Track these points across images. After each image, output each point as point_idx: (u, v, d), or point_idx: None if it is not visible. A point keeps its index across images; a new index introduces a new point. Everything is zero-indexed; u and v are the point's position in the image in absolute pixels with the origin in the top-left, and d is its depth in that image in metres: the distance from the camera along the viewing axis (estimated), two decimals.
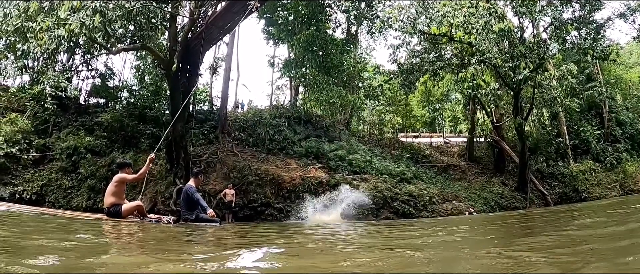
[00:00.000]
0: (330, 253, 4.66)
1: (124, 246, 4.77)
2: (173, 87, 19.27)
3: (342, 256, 4.26)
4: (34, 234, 4.78)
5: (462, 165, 31.16)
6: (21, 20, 14.71)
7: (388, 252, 4.37)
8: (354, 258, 3.79)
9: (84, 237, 4.80)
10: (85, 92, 28.43)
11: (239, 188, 19.78)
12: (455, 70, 24.49)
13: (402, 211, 21.51)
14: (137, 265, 3.06)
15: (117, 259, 3.39)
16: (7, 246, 3.44)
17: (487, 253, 3.83)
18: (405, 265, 3.27)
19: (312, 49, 25.56)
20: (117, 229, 6.73)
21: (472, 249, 4.40)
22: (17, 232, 4.82)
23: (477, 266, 3.03)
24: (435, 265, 3.16)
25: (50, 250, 3.43)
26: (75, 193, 20.68)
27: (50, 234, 5.03)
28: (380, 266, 2.95)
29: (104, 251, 3.90)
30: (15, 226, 5.55)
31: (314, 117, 30.39)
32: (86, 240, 4.59)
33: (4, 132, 21.31)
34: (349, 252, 4.60)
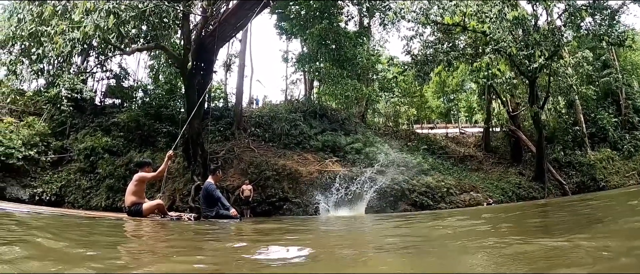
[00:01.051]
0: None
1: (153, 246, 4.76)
2: (188, 85, 19.31)
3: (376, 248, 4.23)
4: (94, 238, 4.77)
5: (478, 156, 30.98)
6: (35, 25, 14.81)
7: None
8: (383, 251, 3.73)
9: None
10: (101, 93, 28.76)
11: (257, 183, 19.78)
12: (469, 60, 24.30)
13: (420, 203, 21.43)
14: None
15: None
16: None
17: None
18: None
19: (325, 43, 25.48)
20: (144, 228, 6.72)
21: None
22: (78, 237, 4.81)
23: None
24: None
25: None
26: (94, 193, 20.85)
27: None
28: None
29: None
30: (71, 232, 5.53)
31: (329, 111, 30.33)
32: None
33: (22, 135, 21.52)
34: (376, 244, 4.55)
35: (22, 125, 22.50)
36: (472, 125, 39.25)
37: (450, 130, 37.34)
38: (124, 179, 20.34)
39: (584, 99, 31.83)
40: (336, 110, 30.99)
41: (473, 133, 36.09)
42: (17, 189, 20.72)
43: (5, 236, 3.75)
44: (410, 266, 2.69)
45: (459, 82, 36.81)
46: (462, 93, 39.55)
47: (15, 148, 20.69)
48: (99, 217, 8.59)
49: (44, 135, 22.36)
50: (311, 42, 26.14)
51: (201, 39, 19.11)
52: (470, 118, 41.85)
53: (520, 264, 2.58)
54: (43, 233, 4.27)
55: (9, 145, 20.56)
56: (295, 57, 32.10)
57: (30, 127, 22.46)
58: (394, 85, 32.70)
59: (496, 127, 34.59)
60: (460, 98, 39.95)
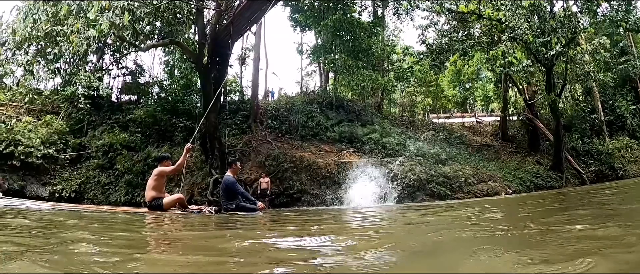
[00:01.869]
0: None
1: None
2: (204, 79, 19.37)
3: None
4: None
5: (495, 145, 30.77)
6: (50, 25, 14.89)
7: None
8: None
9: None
10: (117, 89, 29.00)
11: (274, 175, 19.78)
12: (485, 48, 24.06)
13: (437, 192, 21.23)
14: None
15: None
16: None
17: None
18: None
19: (339, 34, 25.41)
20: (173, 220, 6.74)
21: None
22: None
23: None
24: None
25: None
26: (113, 189, 21.01)
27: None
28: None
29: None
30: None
31: (345, 102, 30.24)
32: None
33: (40, 134, 21.76)
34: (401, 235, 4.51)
35: (40, 124, 22.74)
36: (489, 114, 39.03)
37: (467, 119, 37.09)
38: (143, 174, 20.50)
39: (602, 86, 31.37)
40: (352, 100, 30.93)
41: (490, 122, 35.86)
42: (37, 187, 20.99)
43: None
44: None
45: (475, 70, 36.57)
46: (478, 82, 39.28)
47: (35, 147, 20.95)
48: (124, 212, 8.65)
49: (62, 133, 22.57)
50: (325, 33, 26.09)
51: (216, 34, 19.13)
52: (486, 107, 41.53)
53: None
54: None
55: (28, 144, 20.82)
56: (310, 48, 32.11)
57: (48, 125, 22.68)
58: (409, 74, 32.55)
59: (513, 116, 34.29)
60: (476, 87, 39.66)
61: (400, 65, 32.50)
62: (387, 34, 33.58)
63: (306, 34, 34.77)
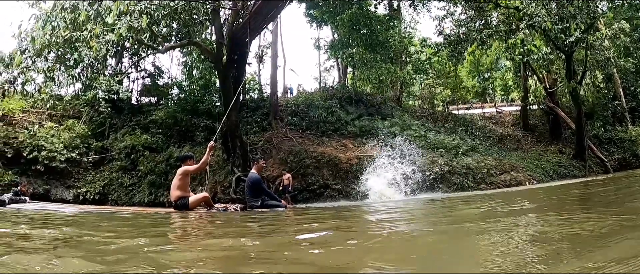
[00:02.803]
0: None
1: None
2: (223, 78, 19.41)
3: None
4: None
5: (517, 135, 30.46)
6: (69, 32, 15.01)
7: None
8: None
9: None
10: (137, 92, 29.36)
11: (296, 171, 19.74)
12: (503, 37, 23.81)
13: (460, 184, 21.05)
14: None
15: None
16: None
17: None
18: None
19: (356, 28, 25.30)
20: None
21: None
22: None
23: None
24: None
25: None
26: (136, 190, 21.21)
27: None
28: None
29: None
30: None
31: (364, 96, 30.13)
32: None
33: (63, 138, 22.13)
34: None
35: (62, 128, 23.10)
36: (509, 104, 38.58)
37: (487, 110, 36.68)
38: (165, 175, 20.67)
39: (623, 72, 30.77)
40: (371, 94, 30.78)
41: (510, 112, 35.42)
42: (61, 190, 21.35)
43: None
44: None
45: (493, 60, 36.22)
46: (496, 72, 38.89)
47: (58, 151, 21.29)
48: (154, 213, 8.70)
49: (84, 137, 22.90)
50: (342, 28, 25.99)
51: (233, 33, 19.15)
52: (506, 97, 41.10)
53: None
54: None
55: (51, 149, 21.20)
56: (328, 44, 32.06)
57: (70, 130, 23.04)
58: (427, 66, 32.33)
59: (534, 105, 33.79)
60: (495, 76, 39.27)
61: (419, 57, 32.29)
62: (404, 26, 33.42)
63: (322, 29, 34.78)
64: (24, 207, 8.71)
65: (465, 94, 38.04)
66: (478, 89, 38.89)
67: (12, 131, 21.54)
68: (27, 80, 16.13)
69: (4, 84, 15.71)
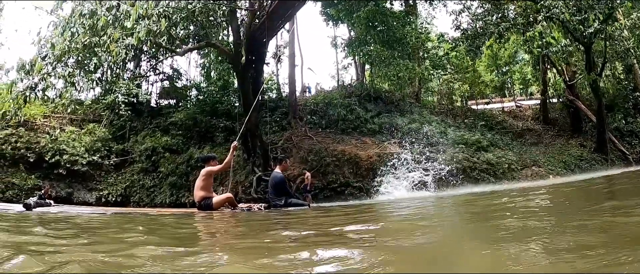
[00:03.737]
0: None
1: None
2: (241, 79, 19.49)
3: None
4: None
5: (537, 129, 30.11)
6: (88, 37, 15.14)
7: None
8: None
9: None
10: (156, 94, 29.71)
11: (317, 170, 19.70)
12: (521, 30, 23.57)
13: (481, 180, 20.93)
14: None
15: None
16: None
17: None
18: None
19: (373, 25, 25.20)
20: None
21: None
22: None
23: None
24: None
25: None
26: (157, 191, 21.37)
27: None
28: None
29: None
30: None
31: (382, 93, 30.04)
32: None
33: (84, 142, 22.41)
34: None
35: (83, 132, 23.39)
36: (528, 98, 38.12)
37: (506, 104, 36.31)
38: (186, 176, 20.84)
39: None
40: (390, 91, 30.63)
41: (529, 106, 34.94)
42: (83, 193, 21.63)
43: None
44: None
45: (512, 53, 35.85)
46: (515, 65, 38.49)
47: (79, 155, 21.58)
48: (181, 213, 8.75)
49: (105, 140, 23.17)
50: (358, 25, 25.91)
51: (251, 33, 19.21)
52: (525, 91, 40.60)
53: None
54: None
55: (73, 153, 21.47)
56: (345, 42, 32.02)
57: (91, 133, 23.32)
58: (445, 62, 32.13)
59: (553, 98, 33.43)
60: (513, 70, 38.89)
61: (436, 53, 32.10)
62: (420, 22, 33.15)
63: (339, 27, 34.71)
64: (50, 210, 8.78)
65: (483, 89, 37.67)
66: (497, 83, 38.44)
67: (34, 136, 21.86)
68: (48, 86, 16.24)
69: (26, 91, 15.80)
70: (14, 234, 3.98)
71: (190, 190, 20.06)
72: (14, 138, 21.17)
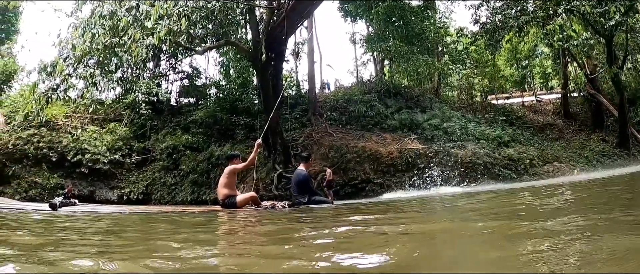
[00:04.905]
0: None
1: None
2: (261, 76, 19.61)
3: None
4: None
5: (558, 124, 29.70)
6: (109, 38, 15.26)
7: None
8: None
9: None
10: (176, 93, 29.90)
11: (338, 166, 19.66)
12: (540, 23, 23.29)
13: (503, 176, 20.71)
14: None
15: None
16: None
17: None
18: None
19: (391, 21, 25.11)
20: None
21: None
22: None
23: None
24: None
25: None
26: (178, 189, 21.52)
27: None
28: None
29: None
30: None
31: (402, 89, 29.89)
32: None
33: (105, 141, 22.63)
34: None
35: (104, 131, 23.63)
36: (548, 92, 37.58)
37: (526, 99, 35.83)
38: (207, 173, 21.03)
39: None
40: (409, 87, 30.54)
41: (550, 100, 34.38)
42: (105, 191, 21.85)
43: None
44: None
45: (531, 47, 35.42)
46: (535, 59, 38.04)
47: (101, 154, 21.80)
48: (207, 211, 8.75)
49: (126, 139, 23.39)
50: (377, 21, 25.84)
51: (270, 31, 19.25)
52: (545, 85, 40.06)
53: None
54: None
55: (94, 152, 21.70)
56: (363, 38, 31.95)
57: (112, 132, 23.56)
58: (465, 56, 31.88)
59: (574, 92, 33.00)
60: (533, 64, 38.44)
61: (456, 48, 31.88)
62: (439, 17, 32.93)
63: (357, 23, 34.62)
64: (76, 210, 8.79)
65: (503, 83, 37.29)
66: (517, 78, 38.08)
67: (56, 136, 22.08)
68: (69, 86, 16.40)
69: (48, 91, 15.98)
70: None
71: (211, 188, 20.18)
72: (37, 138, 21.40)
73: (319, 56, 30.27)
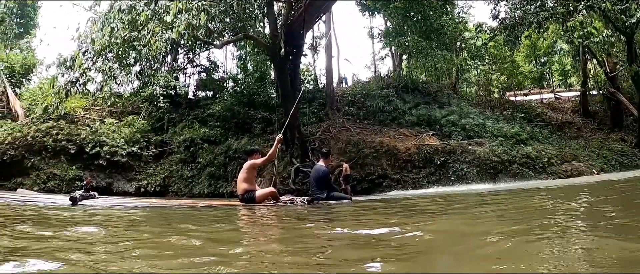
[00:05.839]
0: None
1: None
2: (279, 71, 19.63)
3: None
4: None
5: (577, 122, 29.38)
6: (128, 32, 15.38)
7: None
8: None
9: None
10: (193, 86, 30.22)
11: (355, 161, 19.64)
12: (560, 20, 23.03)
13: (520, 174, 20.55)
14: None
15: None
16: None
17: None
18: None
19: (410, 15, 25.01)
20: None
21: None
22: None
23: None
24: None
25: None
26: (196, 182, 21.63)
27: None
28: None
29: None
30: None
31: (420, 84, 29.83)
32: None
33: (123, 134, 22.84)
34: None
35: (122, 124, 23.86)
36: (567, 89, 37.17)
37: (545, 96, 35.48)
38: (224, 166, 21.15)
39: None
40: (427, 82, 30.51)
41: (569, 98, 34.02)
42: (123, 183, 22.06)
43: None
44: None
45: (551, 43, 35.04)
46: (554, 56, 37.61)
47: (119, 146, 22.02)
48: (222, 206, 8.74)
49: (144, 132, 23.58)
50: (395, 16, 25.76)
51: (289, 25, 19.27)
52: (564, 82, 39.59)
53: None
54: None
55: (112, 144, 21.93)
56: (382, 32, 31.85)
57: (130, 125, 23.77)
58: (483, 52, 31.64)
59: (593, 90, 32.64)
60: (552, 61, 38.02)
61: (474, 43, 31.65)
62: (457, 12, 32.76)
63: (375, 18, 34.49)
64: (96, 203, 8.76)
65: (522, 80, 36.97)
66: (535, 74, 37.67)
67: (74, 128, 22.32)
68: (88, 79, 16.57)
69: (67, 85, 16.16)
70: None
71: (229, 181, 20.28)
72: (55, 130, 21.65)
73: (337, 50, 30.30)
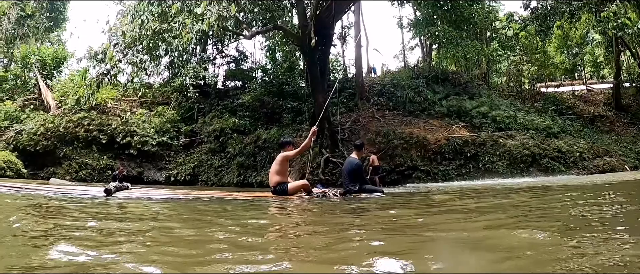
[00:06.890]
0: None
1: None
2: (309, 61, 19.58)
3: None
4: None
5: (609, 115, 28.61)
6: (158, 24, 15.58)
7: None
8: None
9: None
10: (222, 77, 30.45)
11: (385, 152, 19.58)
12: (593, 9, 22.54)
13: (551, 168, 20.20)
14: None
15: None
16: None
17: None
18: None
19: (439, 4, 24.73)
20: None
21: None
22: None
23: None
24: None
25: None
26: (225, 171, 21.92)
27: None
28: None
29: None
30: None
31: (450, 75, 29.62)
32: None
33: (154, 124, 23.20)
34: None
35: (153, 114, 24.22)
36: (600, 81, 36.35)
37: (577, 88, 34.77)
38: (254, 156, 21.33)
39: None
40: (457, 73, 30.30)
41: (601, 90, 33.17)
42: (153, 172, 22.45)
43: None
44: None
45: (583, 34, 34.28)
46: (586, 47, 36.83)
47: (149, 136, 22.39)
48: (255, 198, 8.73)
49: (174, 122, 23.92)
50: (425, 5, 25.50)
51: (318, 15, 19.25)
52: (596, 74, 38.79)
53: None
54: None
55: (143, 134, 22.34)
56: (411, 22, 31.60)
57: (160, 115, 24.12)
58: (514, 42, 31.12)
59: (627, 82, 31.93)
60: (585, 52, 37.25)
61: (505, 33, 31.14)
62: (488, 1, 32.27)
63: (404, 7, 34.10)
64: (130, 194, 8.74)
65: (553, 71, 36.26)
66: (567, 66, 36.89)
67: (105, 119, 22.83)
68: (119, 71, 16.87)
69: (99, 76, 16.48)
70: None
71: (258, 170, 20.41)
72: (87, 121, 22.15)
73: (366, 40, 30.21)
